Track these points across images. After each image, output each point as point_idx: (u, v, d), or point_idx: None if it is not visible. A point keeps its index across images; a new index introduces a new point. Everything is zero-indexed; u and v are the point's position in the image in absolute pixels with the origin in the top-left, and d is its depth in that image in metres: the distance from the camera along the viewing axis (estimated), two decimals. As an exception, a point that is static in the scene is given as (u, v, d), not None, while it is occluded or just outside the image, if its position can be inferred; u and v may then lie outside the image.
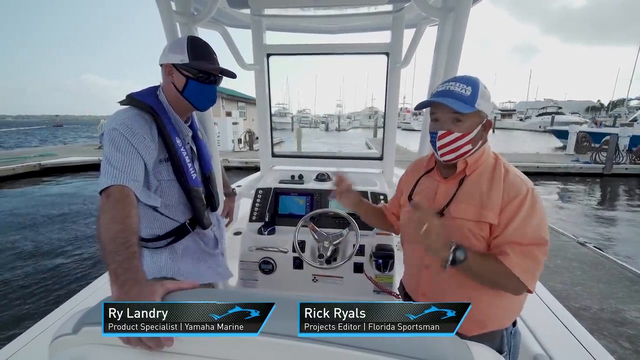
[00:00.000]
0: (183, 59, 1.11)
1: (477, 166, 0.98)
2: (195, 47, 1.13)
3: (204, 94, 1.18)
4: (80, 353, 0.59)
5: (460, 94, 0.91)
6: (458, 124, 0.92)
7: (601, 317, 2.82)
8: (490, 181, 0.94)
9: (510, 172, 0.95)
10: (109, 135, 1.00)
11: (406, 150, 14.62)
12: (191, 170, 1.20)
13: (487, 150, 1.00)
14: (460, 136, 0.92)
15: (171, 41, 1.19)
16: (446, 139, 0.94)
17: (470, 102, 0.90)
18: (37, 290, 3.75)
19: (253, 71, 2.35)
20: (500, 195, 0.91)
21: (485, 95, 0.92)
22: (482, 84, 0.94)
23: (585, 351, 1.26)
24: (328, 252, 1.68)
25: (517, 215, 0.88)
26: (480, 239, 0.93)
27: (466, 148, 0.94)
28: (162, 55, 1.17)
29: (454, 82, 0.94)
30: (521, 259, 0.86)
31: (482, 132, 0.96)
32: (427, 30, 2.04)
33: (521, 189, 0.90)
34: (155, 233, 1.20)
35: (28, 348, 1.22)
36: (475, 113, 0.92)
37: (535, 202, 0.89)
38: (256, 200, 2.05)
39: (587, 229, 6.05)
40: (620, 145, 11.28)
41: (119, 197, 0.89)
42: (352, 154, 8.36)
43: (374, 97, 75.25)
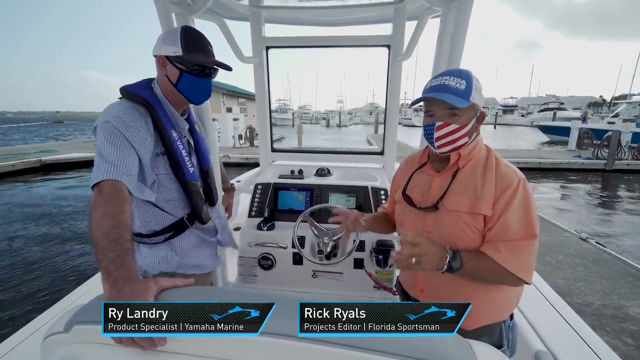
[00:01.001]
0: (176, 51, 1.08)
1: (470, 158, 0.99)
2: (189, 39, 1.10)
3: (198, 88, 1.14)
4: (72, 351, 0.58)
5: (456, 88, 0.91)
6: (454, 119, 0.93)
7: (603, 313, 2.81)
8: (483, 173, 0.95)
9: (501, 163, 0.96)
10: (102, 129, 0.97)
11: (407, 146, 14.56)
12: (188, 164, 1.18)
13: (480, 143, 1.00)
14: (457, 128, 0.93)
15: (164, 32, 1.15)
16: (443, 130, 0.94)
17: (466, 96, 0.90)
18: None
19: (252, 66, 2.32)
20: (493, 187, 0.92)
21: (478, 88, 0.93)
22: (475, 76, 0.94)
23: (588, 347, 1.25)
24: (328, 247, 1.66)
25: (509, 209, 0.88)
26: (475, 231, 0.93)
27: (463, 140, 0.95)
28: (155, 46, 1.13)
29: (448, 75, 0.93)
30: (513, 256, 0.87)
31: (476, 125, 0.97)
32: (429, 23, 2.01)
33: (512, 180, 0.91)
34: (153, 228, 1.18)
35: (21, 347, 1.21)
36: (471, 106, 0.92)
37: (527, 194, 0.90)
38: (255, 195, 2.03)
39: (589, 225, 6.03)
40: (622, 141, 11.26)
41: (111, 192, 0.87)
42: (353, 149, 8.35)
43: (375, 93, 75.12)
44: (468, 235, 0.94)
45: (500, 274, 0.88)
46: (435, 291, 1.05)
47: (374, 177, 2.17)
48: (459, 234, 0.94)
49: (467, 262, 0.88)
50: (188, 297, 0.64)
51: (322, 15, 2.26)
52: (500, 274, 0.88)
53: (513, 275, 0.87)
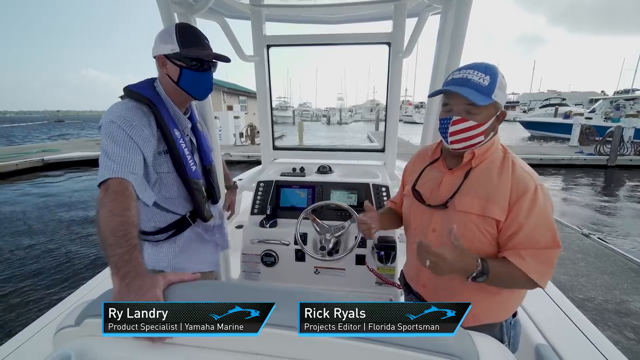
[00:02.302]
0: (174, 48, 1.09)
1: (485, 158, 0.95)
2: (185, 34, 1.10)
3: (200, 83, 1.15)
4: (83, 344, 0.60)
5: (478, 83, 0.87)
6: (471, 115, 0.89)
7: (605, 308, 2.82)
8: (498, 175, 0.91)
9: (517, 166, 0.91)
10: (106, 129, 0.99)
11: (407, 143, 14.53)
12: (191, 163, 1.19)
13: (496, 142, 0.96)
14: (474, 125, 0.89)
15: (160, 31, 1.15)
16: (459, 126, 0.90)
17: (488, 93, 0.86)
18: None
19: (253, 64, 2.32)
20: (509, 191, 0.88)
21: (502, 86, 0.89)
22: (501, 73, 0.90)
23: (588, 341, 1.26)
24: (330, 244, 1.67)
25: (531, 218, 0.85)
26: (486, 234, 0.91)
27: (478, 139, 0.91)
28: (153, 47, 1.14)
29: (472, 69, 0.89)
30: (538, 264, 0.85)
31: (494, 124, 0.93)
32: (429, 20, 2.01)
33: (529, 185, 0.87)
34: (156, 226, 1.19)
35: (33, 340, 1.24)
36: (492, 104, 0.88)
37: (546, 201, 0.87)
38: (258, 193, 2.05)
39: (592, 220, 6.02)
40: (624, 136, 11.20)
41: (117, 189, 0.88)
42: (354, 147, 8.35)
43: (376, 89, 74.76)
44: (477, 237, 0.91)
45: (520, 280, 0.87)
46: (437, 287, 1.05)
47: (375, 174, 2.18)
48: (468, 236, 0.91)
49: (493, 272, 0.86)
50: (195, 292, 0.66)
51: (322, 13, 2.26)
52: (520, 281, 0.87)
53: (532, 281, 0.86)
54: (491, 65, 0.90)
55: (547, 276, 0.87)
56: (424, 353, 0.51)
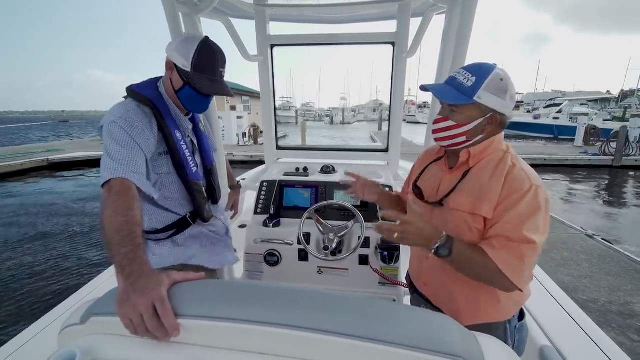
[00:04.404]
0: (185, 65, 1.08)
1: (482, 158, 0.95)
2: (202, 58, 1.09)
3: (197, 103, 1.17)
4: (88, 343, 0.60)
5: (461, 83, 0.88)
6: (452, 114, 0.91)
7: (609, 309, 2.80)
8: (492, 174, 0.91)
9: (516, 167, 0.89)
10: (108, 129, 0.99)
11: (411, 143, 14.49)
12: (191, 164, 1.20)
13: (497, 143, 0.95)
14: (453, 125, 0.91)
15: (184, 37, 1.14)
16: (439, 125, 0.94)
17: (468, 94, 0.86)
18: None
19: (257, 64, 2.33)
20: (500, 190, 0.87)
21: (495, 89, 0.86)
22: (499, 75, 0.86)
23: (593, 343, 1.25)
24: (333, 244, 1.67)
25: (513, 210, 0.84)
26: (475, 232, 0.92)
27: (460, 139, 0.92)
28: (169, 46, 1.14)
29: (464, 69, 0.91)
30: (508, 256, 0.83)
31: (484, 126, 0.91)
32: (434, 19, 2.00)
33: (523, 184, 0.85)
34: (155, 226, 1.20)
35: (38, 338, 1.24)
36: (472, 105, 0.87)
37: (538, 201, 0.84)
38: (261, 192, 2.05)
39: (596, 221, 5.98)
40: (630, 137, 11.10)
41: (120, 190, 0.88)
42: (357, 146, 8.35)
43: (379, 89, 74.64)
44: (467, 235, 0.92)
45: (490, 271, 0.84)
46: (437, 285, 1.05)
47: (379, 174, 2.17)
48: (460, 234, 0.92)
49: (457, 251, 0.85)
50: (200, 291, 0.66)
51: (326, 12, 2.26)
52: (490, 272, 0.84)
53: (503, 275, 0.83)
54: (488, 66, 0.88)
55: (518, 271, 0.83)
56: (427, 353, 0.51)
